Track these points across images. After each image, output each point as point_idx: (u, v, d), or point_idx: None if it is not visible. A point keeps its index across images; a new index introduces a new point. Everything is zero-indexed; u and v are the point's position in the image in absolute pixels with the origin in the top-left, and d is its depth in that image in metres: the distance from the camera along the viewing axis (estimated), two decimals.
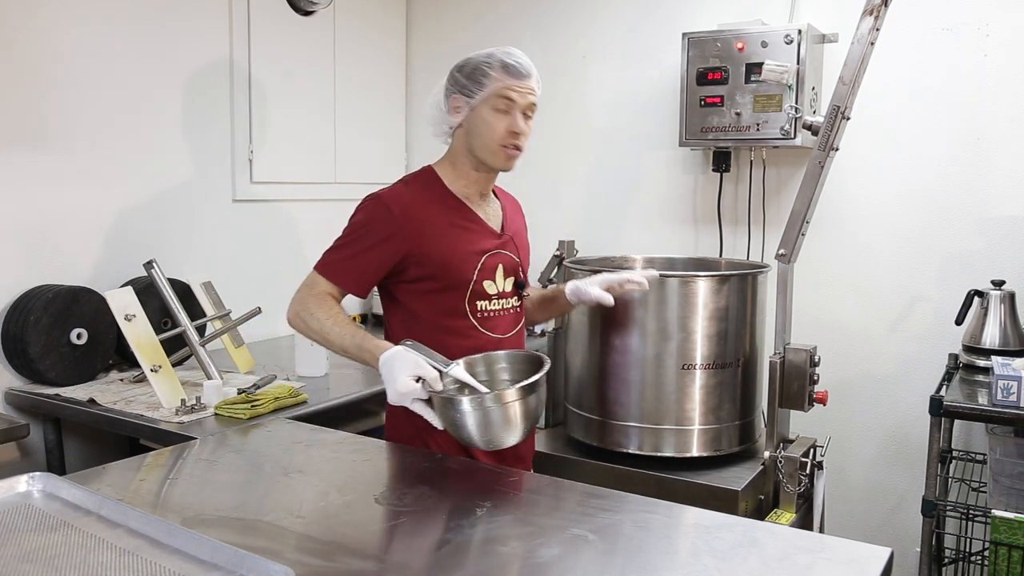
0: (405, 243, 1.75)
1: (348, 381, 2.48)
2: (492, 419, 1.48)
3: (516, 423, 1.50)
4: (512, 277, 1.88)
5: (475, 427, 1.49)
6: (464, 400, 1.49)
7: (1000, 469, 2.27)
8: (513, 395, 1.48)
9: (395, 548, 1.27)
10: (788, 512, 2.11)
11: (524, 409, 1.50)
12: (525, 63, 1.78)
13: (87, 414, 2.21)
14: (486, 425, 1.48)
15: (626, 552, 1.22)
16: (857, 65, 2.02)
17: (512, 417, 1.49)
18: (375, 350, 1.64)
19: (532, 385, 1.51)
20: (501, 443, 1.52)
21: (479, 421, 1.48)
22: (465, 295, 1.79)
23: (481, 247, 1.82)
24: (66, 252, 2.51)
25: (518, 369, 1.68)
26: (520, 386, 1.50)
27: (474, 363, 1.67)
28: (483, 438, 1.50)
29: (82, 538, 1.19)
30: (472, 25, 3.59)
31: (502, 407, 1.48)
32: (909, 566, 2.54)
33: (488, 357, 1.71)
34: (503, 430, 1.49)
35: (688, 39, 2.86)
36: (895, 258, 2.85)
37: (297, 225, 3.25)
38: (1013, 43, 2.63)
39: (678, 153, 3.17)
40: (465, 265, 1.79)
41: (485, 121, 1.77)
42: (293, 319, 1.78)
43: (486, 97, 1.76)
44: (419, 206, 1.78)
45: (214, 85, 2.92)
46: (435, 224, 1.78)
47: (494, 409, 1.48)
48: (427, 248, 1.76)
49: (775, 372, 2.11)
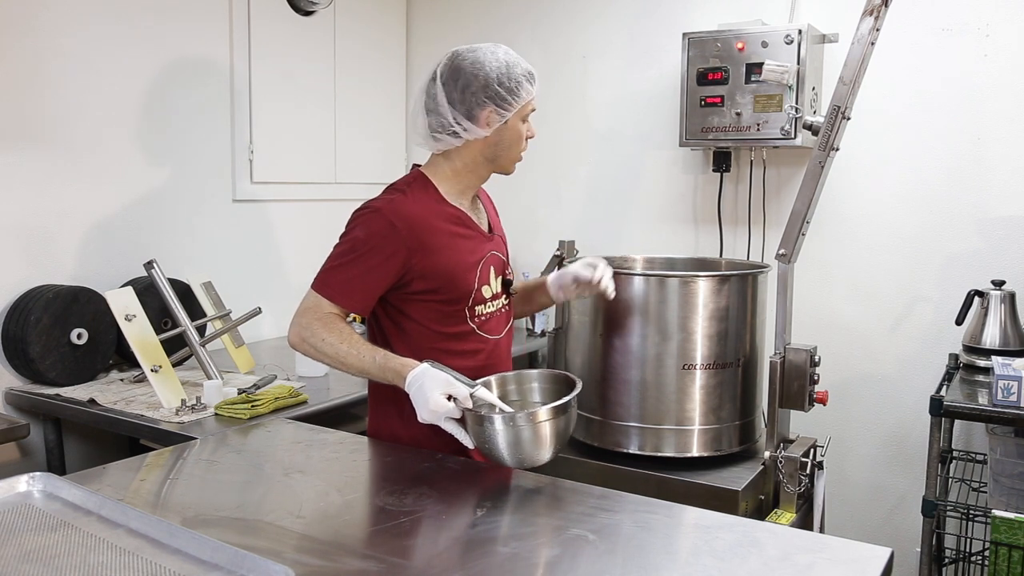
0: (410, 259, 1.70)
1: (348, 381, 2.48)
2: (523, 437, 1.50)
3: (546, 442, 1.52)
4: (500, 276, 1.88)
5: (506, 445, 1.50)
6: (497, 418, 1.50)
7: (1000, 469, 2.27)
8: (544, 415, 1.50)
9: (395, 548, 1.27)
10: (788, 512, 2.11)
11: (555, 429, 1.52)
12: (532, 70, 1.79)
13: (87, 414, 2.21)
14: (517, 443, 1.50)
15: (626, 552, 1.21)
16: (857, 65, 2.02)
17: (543, 436, 1.51)
18: (401, 369, 1.60)
19: (564, 406, 1.53)
20: (532, 462, 1.53)
21: (511, 439, 1.50)
22: (467, 303, 1.78)
23: (478, 255, 1.80)
24: (66, 252, 2.52)
25: (549, 389, 1.71)
26: (552, 406, 1.51)
27: (506, 381, 1.71)
28: (514, 456, 1.51)
29: (82, 538, 1.19)
30: (472, 25, 3.59)
31: (534, 426, 1.49)
32: (909, 566, 2.54)
33: (520, 376, 1.74)
34: (534, 448, 1.51)
35: (688, 39, 2.86)
36: (895, 258, 2.85)
37: (297, 225, 3.25)
38: (1013, 43, 2.63)
39: (678, 153, 3.17)
40: (467, 276, 1.77)
41: (517, 133, 1.78)
42: (298, 344, 1.71)
43: (518, 112, 1.75)
44: (421, 218, 1.73)
45: (214, 85, 2.92)
46: (437, 237, 1.74)
47: (525, 428, 1.49)
48: (431, 261, 1.72)
49: (775, 372, 2.10)
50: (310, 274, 1.75)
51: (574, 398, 1.56)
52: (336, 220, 1.85)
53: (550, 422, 1.50)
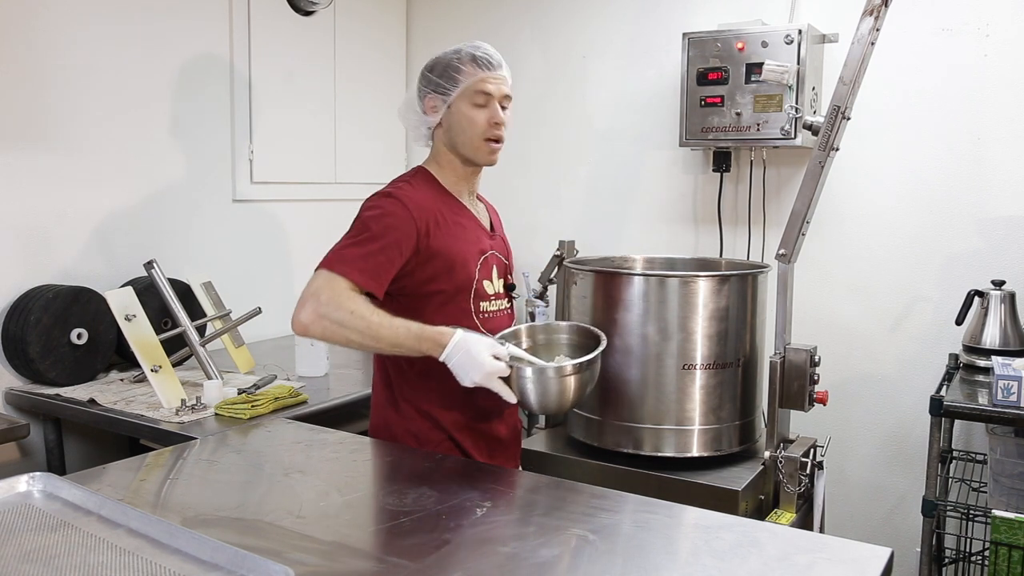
0: (420, 239, 1.70)
1: (348, 381, 2.48)
2: (551, 389, 1.63)
3: (570, 393, 1.64)
4: (503, 279, 1.89)
5: (535, 395, 1.63)
6: (528, 370, 1.62)
7: (1000, 469, 2.27)
8: (571, 369, 1.63)
9: (395, 548, 1.27)
10: (788, 512, 2.11)
11: (579, 382, 1.64)
12: (494, 54, 1.79)
13: (87, 414, 2.21)
14: (545, 394, 1.63)
15: (626, 552, 1.22)
16: (857, 65, 2.02)
17: (567, 388, 1.64)
18: (439, 337, 1.59)
19: (590, 362, 1.65)
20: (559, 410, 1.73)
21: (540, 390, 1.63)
22: (470, 295, 1.79)
23: (480, 246, 1.83)
24: (66, 252, 2.52)
25: (576, 343, 1.82)
26: (578, 361, 1.63)
27: (535, 331, 1.83)
28: (541, 404, 1.65)
29: (82, 538, 1.19)
30: (472, 25, 3.59)
31: (561, 380, 1.62)
32: (909, 566, 2.54)
33: (548, 327, 1.86)
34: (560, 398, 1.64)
35: (688, 39, 2.86)
36: (895, 258, 2.85)
37: (297, 225, 3.25)
38: (1013, 43, 2.63)
39: (678, 153, 3.17)
40: (469, 263, 1.79)
41: (466, 116, 1.77)
42: (313, 323, 1.58)
43: (462, 92, 1.76)
44: (428, 202, 1.76)
45: (214, 85, 2.92)
46: (442, 221, 1.76)
47: (554, 380, 1.63)
48: (438, 243, 1.73)
49: (775, 372, 2.10)
50: (310, 274, 1.69)
51: (599, 354, 1.67)
52: (336, 220, 1.85)
53: (575, 376, 1.62)
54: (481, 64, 1.76)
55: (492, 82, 1.77)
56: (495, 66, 1.78)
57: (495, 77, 1.77)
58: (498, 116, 1.78)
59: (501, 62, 1.80)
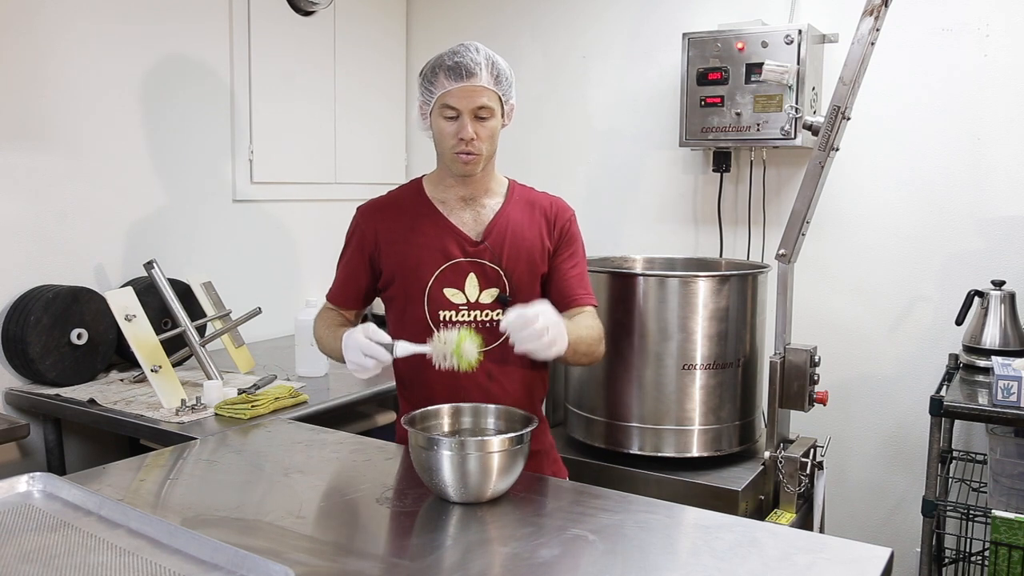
0: (373, 249, 1.78)
1: (348, 381, 2.48)
2: (469, 467, 1.35)
3: (492, 475, 1.37)
4: (495, 288, 1.74)
5: (451, 473, 1.36)
6: (445, 442, 1.36)
7: (1000, 469, 2.27)
8: (496, 445, 1.36)
9: (395, 548, 1.27)
10: (788, 512, 2.11)
11: (503, 462, 1.37)
12: (473, 63, 1.66)
13: (87, 414, 2.20)
14: (463, 473, 1.35)
15: (626, 552, 1.22)
16: (857, 65, 2.02)
17: (490, 468, 1.37)
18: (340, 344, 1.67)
19: (517, 438, 1.38)
20: (477, 495, 1.38)
21: (456, 466, 1.36)
22: (423, 302, 1.73)
23: (445, 253, 1.73)
24: (66, 252, 2.51)
25: (505, 426, 1.53)
26: (504, 438, 1.38)
27: (461, 412, 1.55)
28: (457, 487, 1.37)
29: (82, 538, 1.19)
30: (472, 25, 3.59)
31: (483, 456, 1.36)
32: (909, 566, 2.54)
33: (477, 409, 1.57)
34: (481, 480, 1.36)
35: (688, 39, 2.86)
36: (895, 258, 2.85)
37: (297, 225, 3.25)
38: (1013, 43, 2.63)
39: (678, 153, 3.17)
40: (422, 271, 1.73)
41: (438, 128, 1.72)
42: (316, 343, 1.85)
43: (435, 104, 1.71)
44: (387, 208, 1.80)
45: (214, 85, 2.92)
46: (393, 229, 1.77)
47: (472, 457, 1.35)
48: (384, 252, 1.77)
49: (775, 372, 2.11)
50: (310, 274, 1.76)
51: (527, 433, 1.40)
52: (336, 220, 1.87)
53: (498, 454, 1.35)
54: (452, 75, 1.66)
55: (460, 95, 1.66)
56: (467, 76, 1.65)
57: (465, 90, 1.65)
58: (464, 132, 1.66)
59: (477, 71, 1.66)
